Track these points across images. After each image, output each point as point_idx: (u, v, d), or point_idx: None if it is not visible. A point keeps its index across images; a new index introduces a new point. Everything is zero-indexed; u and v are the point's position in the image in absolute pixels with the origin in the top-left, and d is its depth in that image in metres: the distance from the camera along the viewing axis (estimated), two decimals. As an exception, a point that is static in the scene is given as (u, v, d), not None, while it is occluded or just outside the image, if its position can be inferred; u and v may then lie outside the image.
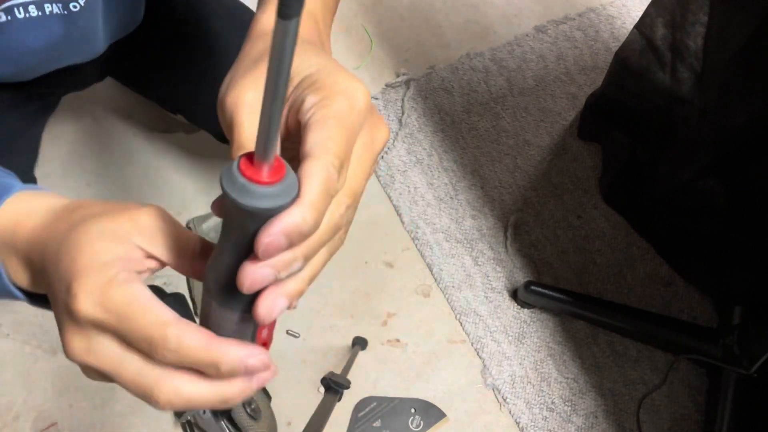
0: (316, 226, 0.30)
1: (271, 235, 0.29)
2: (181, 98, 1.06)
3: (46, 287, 0.37)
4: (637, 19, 1.18)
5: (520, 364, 1.19)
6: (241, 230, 0.29)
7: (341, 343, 1.16)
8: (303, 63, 0.36)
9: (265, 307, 0.31)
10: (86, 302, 0.32)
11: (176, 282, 1.19)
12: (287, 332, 1.17)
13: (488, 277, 1.26)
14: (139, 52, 0.95)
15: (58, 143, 1.31)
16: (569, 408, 1.16)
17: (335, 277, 1.23)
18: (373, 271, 1.24)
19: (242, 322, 0.33)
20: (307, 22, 0.44)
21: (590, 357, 1.20)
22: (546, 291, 1.20)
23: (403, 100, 1.43)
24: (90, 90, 1.04)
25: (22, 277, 0.40)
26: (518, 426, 1.14)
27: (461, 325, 1.21)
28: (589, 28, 1.57)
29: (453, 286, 1.24)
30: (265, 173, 0.27)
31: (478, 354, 1.19)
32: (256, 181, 0.27)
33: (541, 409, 1.15)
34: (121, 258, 0.34)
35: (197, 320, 0.37)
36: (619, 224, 1.32)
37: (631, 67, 1.22)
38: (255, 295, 0.31)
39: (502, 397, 1.15)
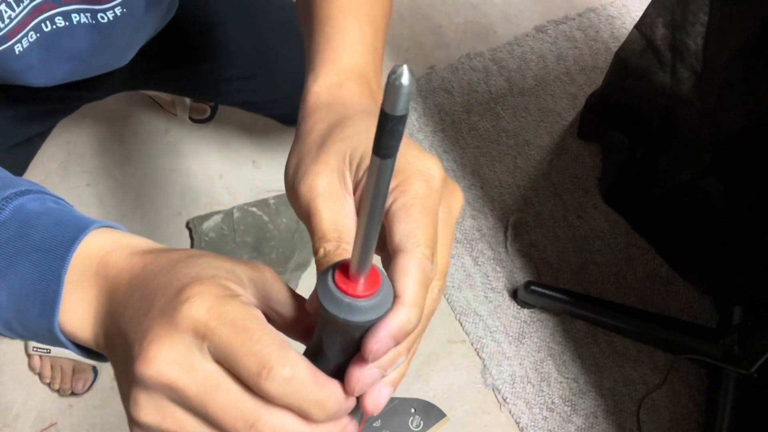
0: (419, 321, 0.30)
1: (379, 340, 0.29)
2: (213, 86, 1.05)
3: (119, 315, 0.33)
4: (637, 19, 1.18)
5: (520, 364, 1.19)
6: (345, 336, 0.30)
7: (341, 343, 1.16)
8: (371, 136, 0.35)
9: (372, 401, 0.31)
10: (200, 305, 0.29)
11: (176, 282, 1.19)
12: (287, 332, 1.17)
13: (488, 277, 1.26)
14: (167, 49, 0.95)
15: (58, 143, 1.31)
16: (569, 408, 1.16)
17: (335, 277, 1.23)
18: (373, 271, 1.24)
19: (349, 413, 0.33)
20: (361, 87, 0.43)
21: (590, 357, 1.20)
22: (546, 291, 1.20)
23: (403, 100, 1.43)
24: (90, 90, 1.04)
25: (81, 316, 0.35)
26: (518, 426, 1.14)
27: (461, 325, 1.21)
28: (589, 28, 1.57)
29: (453, 286, 1.24)
30: (361, 285, 0.28)
31: (478, 354, 1.19)
32: (356, 296, 0.28)
33: (541, 409, 1.15)
34: (241, 292, 0.32)
35: None
36: (619, 224, 1.32)
37: (631, 67, 1.22)
38: None
39: (502, 397, 1.15)
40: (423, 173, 0.34)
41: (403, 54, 1.50)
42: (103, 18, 0.71)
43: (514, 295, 1.24)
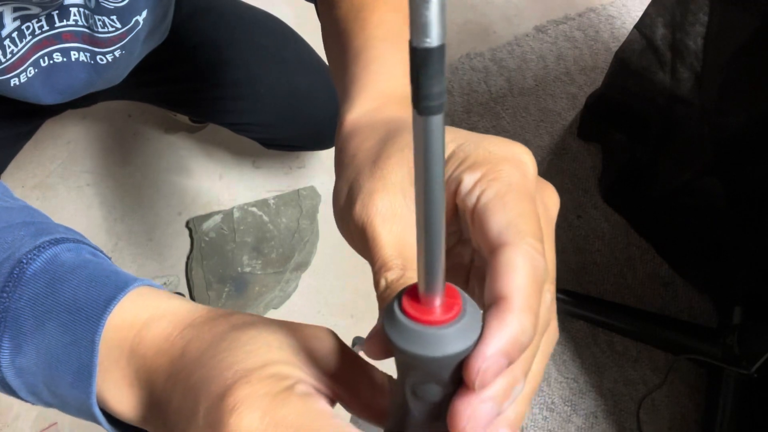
0: (535, 331, 0.24)
1: (487, 358, 0.22)
2: (195, 101, 1.06)
3: (162, 409, 0.29)
4: (637, 19, 1.18)
5: (520, 364, 1.19)
6: (429, 383, 0.24)
7: (341, 343, 1.16)
8: None
9: None
10: (252, 415, 0.25)
11: (176, 282, 1.19)
12: (287, 332, 1.17)
13: (488, 277, 1.26)
14: (156, 68, 0.96)
15: (58, 143, 1.31)
16: (569, 408, 1.16)
17: (335, 277, 1.23)
18: (373, 271, 1.24)
19: None
20: (404, 109, 0.37)
21: (590, 357, 1.20)
22: (546, 291, 1.20)
23: (403, 100, 1.43)
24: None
25: (122, 398, 0.31)
26: (518, 426, 1.14)
27: (461, 325, 1.21)
28: (589, 28, 1.57)
29: (453, 286, 1.24)
30: (438, 309, 0.22)
31: (478, 354, 1.19)
32: (434, 323, 0.22)
33: (541, 409, 1.15)
34: (298, 376, 0.27)
35: None
36: (619, 224, 1.32)
37: (631, 67, 1.22)
38: None
39: (502, 397, 1.15)
40: (511, 159, 0.28)
41: (403, 54, 1.50)
42: (101, 60, 0.72)
43: (514, 295, 1.24)
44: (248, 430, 0.24)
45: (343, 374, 0.29)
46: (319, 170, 1.32)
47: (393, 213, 0.29)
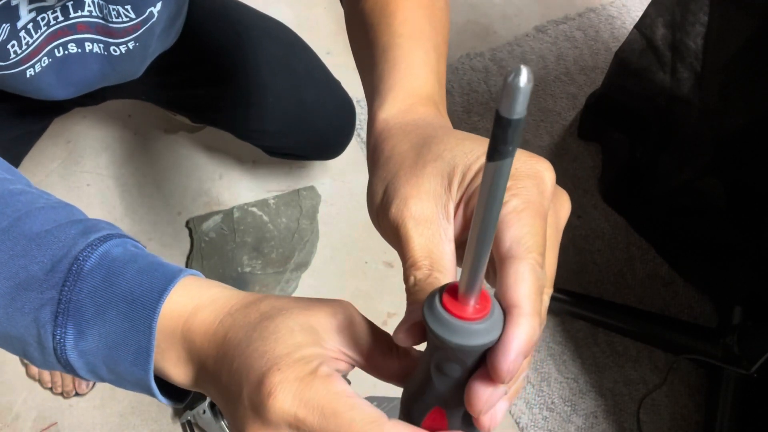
0: (541, 331, 0.29)
1: (512, 361, 0.27)
2: (207, 108, 1.07)
3: (215, 384, 0.34)
4: (637, 19, 1.18)
5: (520, 364, 1.19)
6: (456, 364, 0.29)
7: (341, 343, 1.16)
8: (467, 151, 0.34)
9: (491, 419, 0.30)
10: (284, 397, 0.29)
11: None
12: (287, 332, 1.17)
13: (488, 277, 1.26)
14: (168, 71, 0.96)
15: (58, 143, 1.31)
16: (569, 408, 1.16)
17: (335, 277, 1.23)
18: (373, 271, 1.24)
19: None
20: (431, 110, 0.42)
21: (590, 357, 1.20)
22: (546, 291, 1.20)
23: (403, 100, 1.43)
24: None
25: (180, 373, 0.36)
26: (518, 426, 1.14)
27: (461, 325, 1.21)
28: (589, 28, 1.57)
29: (453, 286, 1.24)
30: (471, 307, 0.27)
31: (478, 354, 1.19)
32: (469, 319, 0.27)
33: (541, 409, 1.15)
34: (320, 354, 0.32)
35: None
36: (619, 224, 1.32)
37: (631, 67, 1.22)
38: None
39: (502, 397, 1.15)
40: (533, 177, 0.32)
41: (403, 54, 1.50)
42: (115, 51, 0.72)
43: (514, 295, 1.23)
44: (282, 410, 0.29)
45: (360, 343, 0.33)
46: (319, 170, 1.32)
47: (425, 218, 0.33)
